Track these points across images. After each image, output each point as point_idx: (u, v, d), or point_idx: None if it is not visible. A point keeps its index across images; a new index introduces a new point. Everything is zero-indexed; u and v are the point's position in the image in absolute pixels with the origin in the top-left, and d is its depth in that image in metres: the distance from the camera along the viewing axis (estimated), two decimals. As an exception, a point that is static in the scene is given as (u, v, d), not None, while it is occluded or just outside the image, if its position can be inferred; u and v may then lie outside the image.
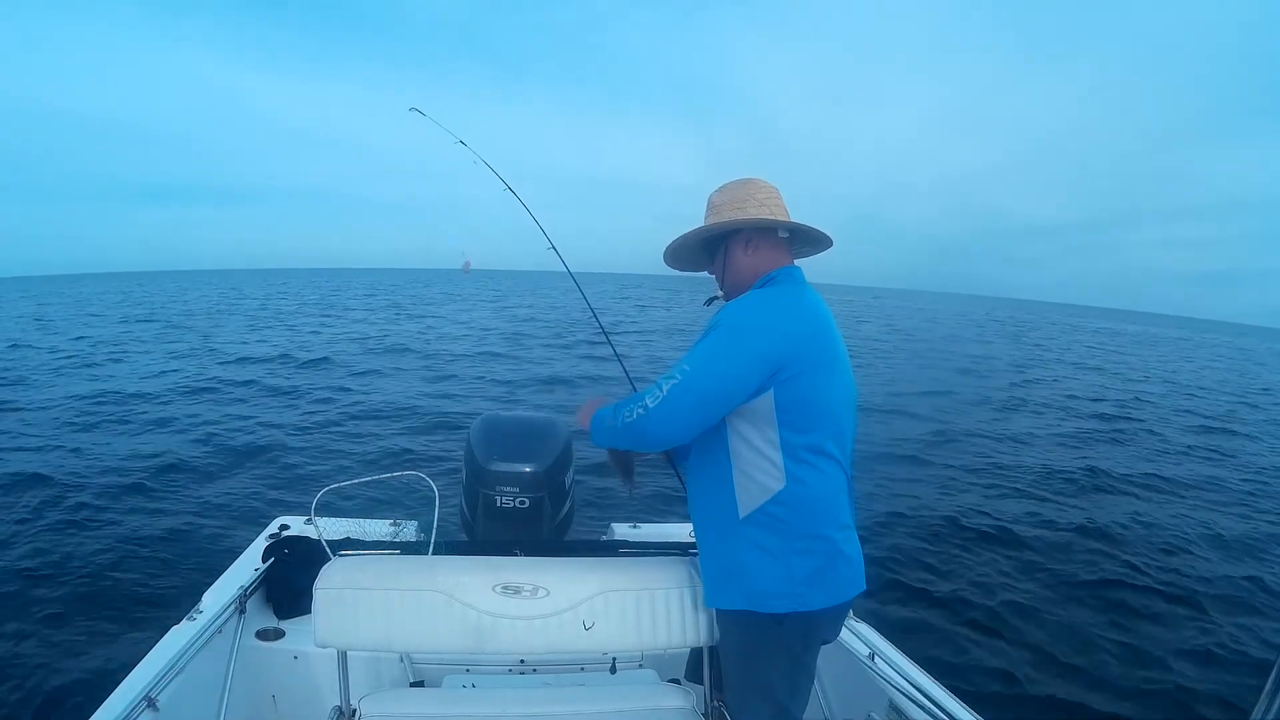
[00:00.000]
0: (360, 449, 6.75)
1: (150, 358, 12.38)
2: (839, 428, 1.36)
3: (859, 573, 1.38)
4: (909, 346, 21.18)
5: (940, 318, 43.49)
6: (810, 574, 1.30)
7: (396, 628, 1.39)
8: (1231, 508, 6.57)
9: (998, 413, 10.55)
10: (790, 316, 1.32)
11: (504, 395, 9.80)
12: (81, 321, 20.51)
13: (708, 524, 1.41)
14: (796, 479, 1.29)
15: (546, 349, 15.09)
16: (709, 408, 1.27)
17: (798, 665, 1.39)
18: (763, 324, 1.29)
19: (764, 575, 1.30)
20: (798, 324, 1.32)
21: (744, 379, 1.27)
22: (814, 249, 1.54)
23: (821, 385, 1.32)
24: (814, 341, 1.32)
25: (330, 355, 12.99)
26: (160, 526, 4.60)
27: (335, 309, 27.17)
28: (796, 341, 1.29)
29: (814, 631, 1.37)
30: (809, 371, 1.29)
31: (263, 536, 2.50)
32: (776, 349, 1.27)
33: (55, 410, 8.03)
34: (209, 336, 16.33)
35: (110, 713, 1.48)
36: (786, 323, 1.31)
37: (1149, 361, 23.95)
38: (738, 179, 1.49)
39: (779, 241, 1.45)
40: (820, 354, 1.32)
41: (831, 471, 1.34)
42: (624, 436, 1.34)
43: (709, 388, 1.26)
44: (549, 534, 2.32)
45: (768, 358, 1.26)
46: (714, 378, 1.26)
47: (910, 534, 5.13)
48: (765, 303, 1.34)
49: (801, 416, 1.29)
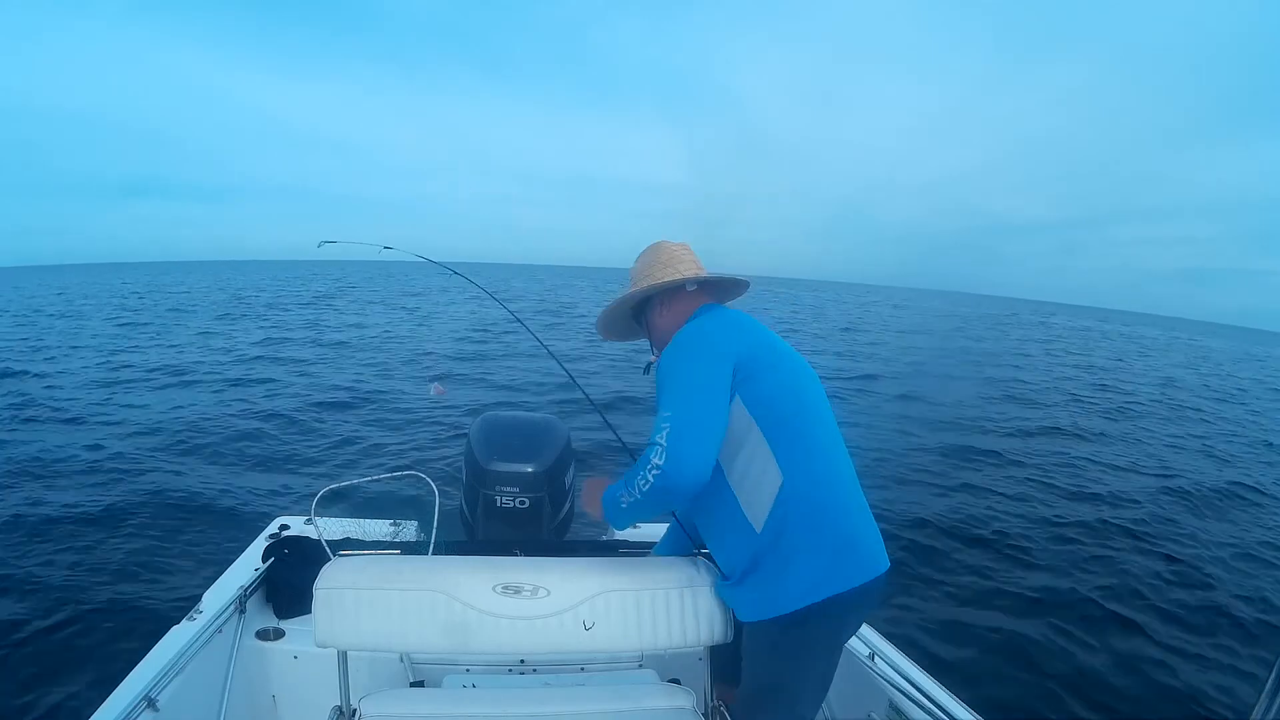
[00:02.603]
0: (360, 448, 6.75)
1: (147, 351, 12.37)
2: (816, 411, 1.41)
3: (878, 549, 1.38)
4: (889, 347, 21.27)
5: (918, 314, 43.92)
6: (828, 560, 1.30)
7: (396, 628, 1.39)
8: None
9: (994, 412, 10.57)
10: (721, 327, 1.42)
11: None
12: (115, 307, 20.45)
13: (733, 553, 1.40)
14: (792, 470, 1.32)
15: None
16: (711, 432, 1.30)
17: (820, 664, 1.39)
18: (702, 341, 1.39)
19: (791, 577, 1.30)
20: (731, 329, 1.42)
21: (718, 386, 1.32)
22: (736, 291, 1.63)
23: (783, 375, 1.39)
24: (753, 338, 1.41)
25: (328, 351, 12.99)
26: (160, 526, 4.60)
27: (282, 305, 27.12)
28: (738, 343, 1.38)
29: (840, 620, 1.36)
30: (764, 367, 1.37)
31: (262, 536, 2.50)
32: (726, 349, 1.36)
33: (65, 396, 8.03)
34: (209, 331, 16.32)
35: (110, 713, 1.48)
36: (721, 332, 1.41)
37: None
38: (648, 245, 1.61)
39: (692, 294, 1.55)
40: (765, 350, 1.41)
41: (823, 454, 1.37)
42: (648, 505, 1.33)
43: (698, 414, 1.30)
44: (549, 534, 2.32)
45: (724, 356, 1.35)
46: (696, 403, 1.31)
47: (910, 533, 5.14)
48: (693, 329, 1.43)
49: (774, 408, 1.34)
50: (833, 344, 19.85)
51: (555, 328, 19.02)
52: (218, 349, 13.20)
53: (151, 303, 25.89)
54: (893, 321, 34.49)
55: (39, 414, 7.71)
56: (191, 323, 18.40)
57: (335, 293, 34.50)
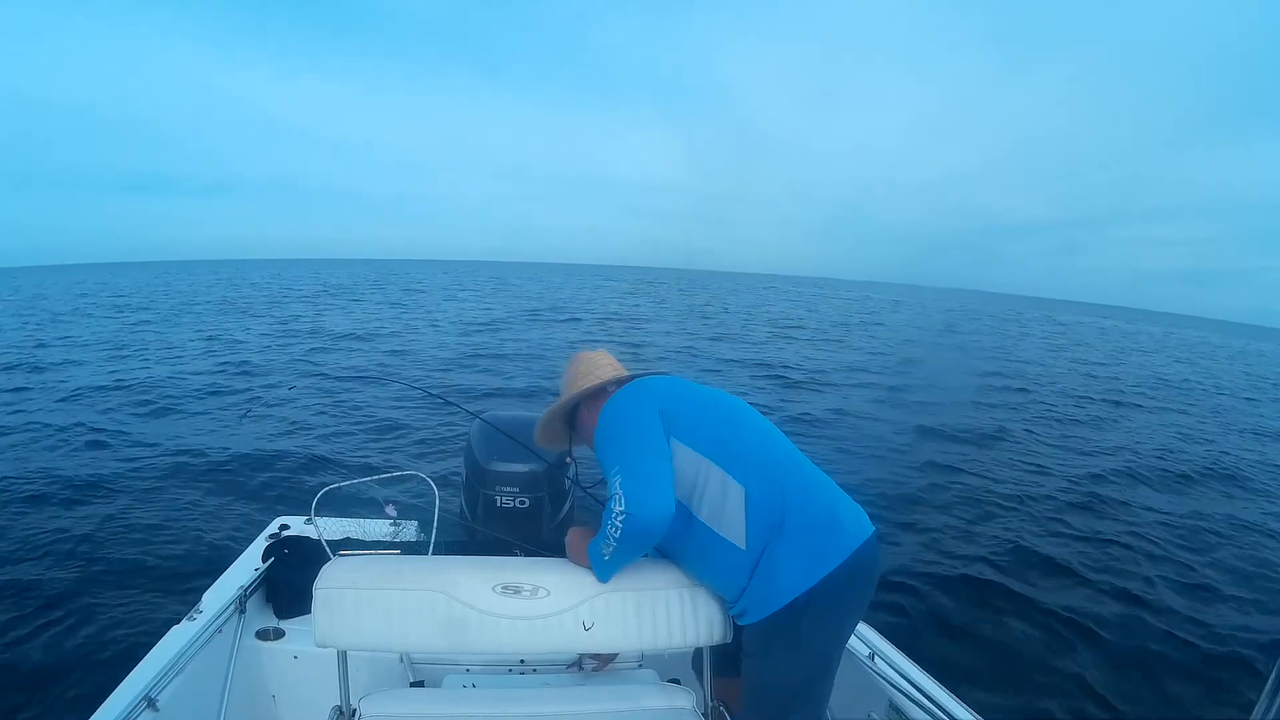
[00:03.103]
0: (360, 447, 6.75)
1: (147, 353, 12.37)
2: (743, 418, 1.52)
3: (858, 517, 1.42)
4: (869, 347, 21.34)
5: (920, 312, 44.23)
6: (813, 543, 1.34)
7: (396, 628, 1.39)
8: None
9: (991, 412, 10.57)
10: (634, 388, 1.56)
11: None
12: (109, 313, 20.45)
13: (729, 576, 1.41)
14: (748, 477, 1.39)
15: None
16: (658, 465, 1.38)
17: (822, 651, 1.40)
18: (624, 403, 1.50)
19: (780, 571, 1.34)
20: (642, 387, 1.55)
21: (650, 428, 1.43)
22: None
23: (702, 400, 1.54)
24: (664, 386, 1.56)
25: (322, 345, 12.98)
26: (159, 526, 4.60)
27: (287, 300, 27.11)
28: (652, 394, 1.51)
29: (840, 597, 1.36)
30: (682, 404, 1.50)
31: (262, 536, 2.50)
32: (647, 401, 1.49)
33: (61, 405, 8.03)
34: (206, 328, 16.30)
35: (110, 713, 1.48)
36: (635, 391, 1.54)
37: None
38: (570, 358, 1.75)
39: (610, 390, 1.65)
40: (679, 389, 1.56)
41: (766, 451, 1.45)
42: (627, 550, 1.40)
43: (642, 454, 1.39)
44: (549, 534, 2.31)
45: (647, 405, 1.47)
46: (638, 447, 1.40)
47: (908, 531, 5.14)
48: (612, 402, 1.53)
49: (707, 432, 1.45)
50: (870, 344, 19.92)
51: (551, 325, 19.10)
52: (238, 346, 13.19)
53: (146, 299, 25.91)
54: (916, 320, 34.83)
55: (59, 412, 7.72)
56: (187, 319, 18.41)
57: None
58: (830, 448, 7.46)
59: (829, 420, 9.05)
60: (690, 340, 17.54)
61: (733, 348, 16.58)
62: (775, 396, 10.54)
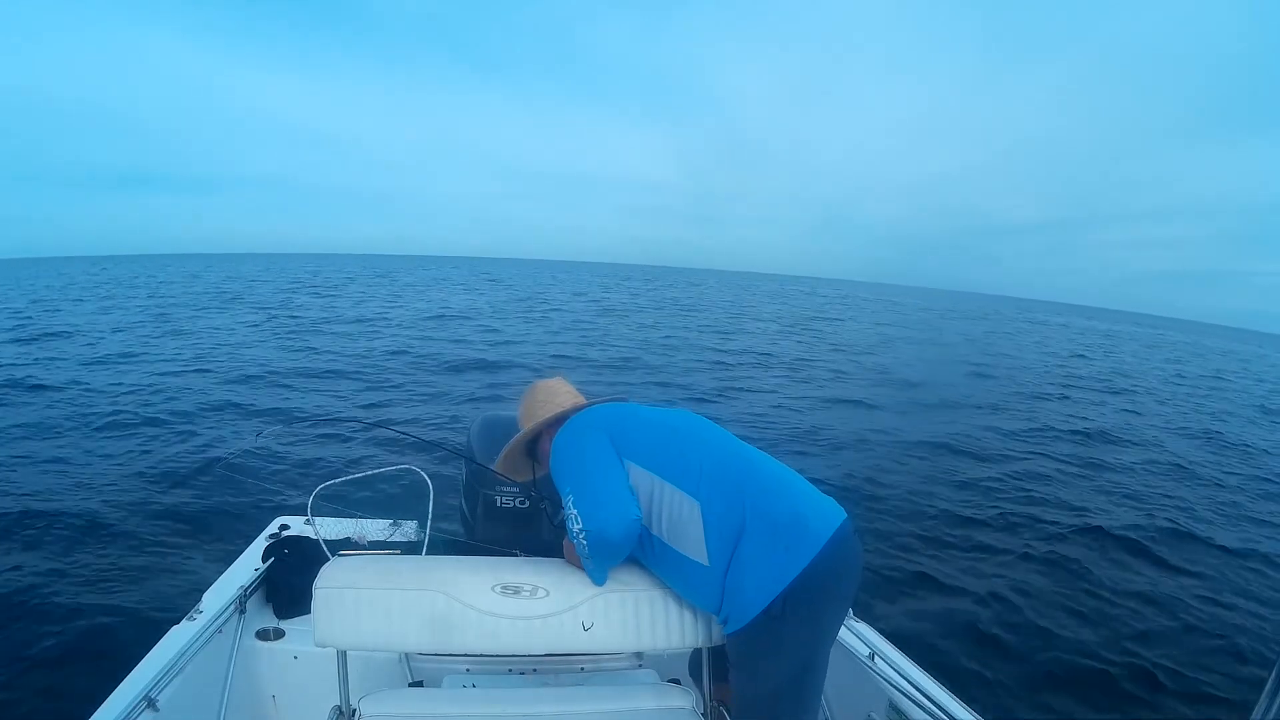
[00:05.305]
0: (360, 447, 6.73)
1: (145, 348, 12.34)
2: (690, 429, 1.53)
3: (826, 506, 1.40)
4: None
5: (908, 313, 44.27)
6: (781, 544, 1.32)
7: (396, 628, 1.39)
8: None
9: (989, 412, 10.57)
10: (584, 415, 1.57)
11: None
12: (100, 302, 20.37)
13: (702, 593, 1.42)
14: (700, 490, 1.38)
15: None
16: (610, 480, 1.40)
17: (809, 647, 1.38)
18: (574, 429, 1.52)
19: (749, 580, 1.32)
20: (593, 414, 1.57)
21: (602, 450, 1.44)
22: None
23: (649, 418, 1.54)
24: (612, 411, 1.57)
25: (319, 345, 12.97)
26: (158, 526, 4.60)
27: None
28: (601, 420, 1.52)
29: (820, 592, 1.34)
30: (631, 425, 1.51)
31: (262, 536, 2.50)
32: (598, 426, 1.50)
33: (63, 402, 8.01)
34: (208, 326, 16.25)
35: (110, 713, 1.48)
36: (585, 417, 1.55)
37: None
38: (528, 387, 1.77)
39: (568, 415, 1.67)
40: (626, 411, 1.57)
41: (719, 460, 1.43)
42: (600, 561, 1.43)
43: (594, 473, 1.41)
44: (549, 534, 2.31)
45: (597, 430, 1.49)
46: (589, 468, 1.42)
47: (907, 531, 5.13)
48: (563, 430, 1.55)
49: (657, 450, 1.45)
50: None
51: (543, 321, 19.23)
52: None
53: (136, 296, 25.85)
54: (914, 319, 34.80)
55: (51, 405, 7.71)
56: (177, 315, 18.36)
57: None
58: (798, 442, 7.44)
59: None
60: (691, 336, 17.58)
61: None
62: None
